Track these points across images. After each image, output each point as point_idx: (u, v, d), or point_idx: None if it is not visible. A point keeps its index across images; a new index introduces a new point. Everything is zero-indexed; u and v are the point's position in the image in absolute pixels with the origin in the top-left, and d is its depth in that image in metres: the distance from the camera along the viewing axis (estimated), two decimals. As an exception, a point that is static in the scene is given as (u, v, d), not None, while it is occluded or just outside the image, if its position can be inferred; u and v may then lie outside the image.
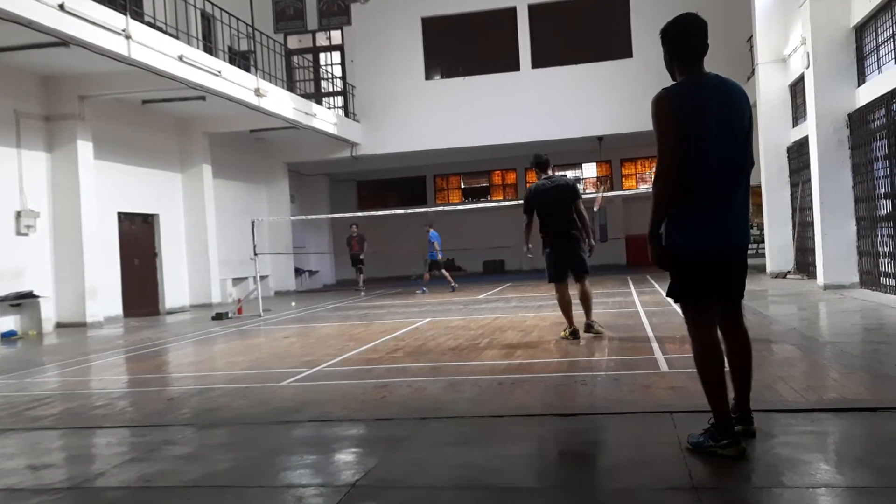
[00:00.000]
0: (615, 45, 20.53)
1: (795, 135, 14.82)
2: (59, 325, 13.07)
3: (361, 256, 19.97)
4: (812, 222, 12.96)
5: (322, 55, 22.61)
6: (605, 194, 24.25)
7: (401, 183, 28.02)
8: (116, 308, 14.60)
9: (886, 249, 10.25)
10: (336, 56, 22.37)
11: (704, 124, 3.48)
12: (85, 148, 13.53)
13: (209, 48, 16.34)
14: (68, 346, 10.43)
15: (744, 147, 3.59)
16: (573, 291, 7.91)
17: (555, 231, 7.80)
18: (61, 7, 10.29)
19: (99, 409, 5.70)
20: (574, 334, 7.72)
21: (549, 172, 8.09)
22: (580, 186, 27.20)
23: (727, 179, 3.52)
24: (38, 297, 12.54)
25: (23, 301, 12.37)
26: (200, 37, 16.53)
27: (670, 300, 3.92)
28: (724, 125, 3.51)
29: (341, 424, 4.72)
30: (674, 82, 3.66)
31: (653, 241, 3.55)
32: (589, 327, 7.83)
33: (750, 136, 3.65)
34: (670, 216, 3.55)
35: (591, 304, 7.95)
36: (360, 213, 21.24)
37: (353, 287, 19.90)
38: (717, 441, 3.48)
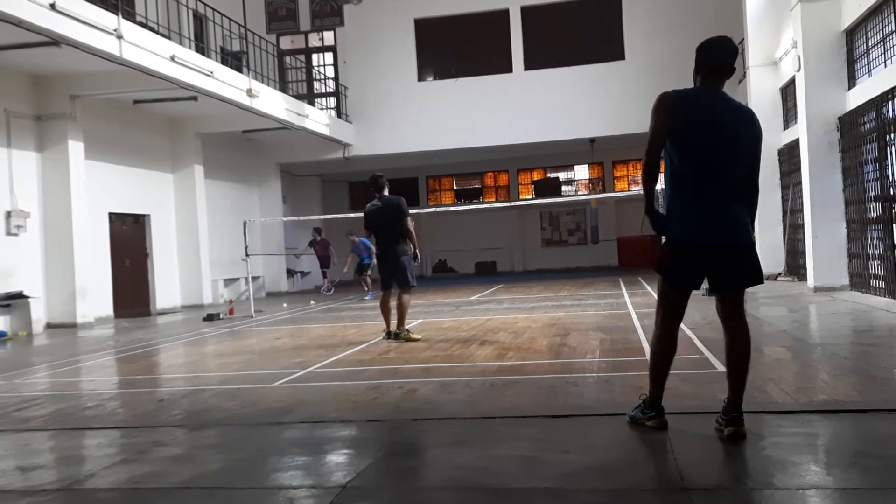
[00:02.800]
0: (607, 47, 20.58)
1: (786, 137, 14.88)
2: (49, 326, 13.00)
3: None
4: (802, 225, 13.01)
5: (315, 56, 22.58)
6: (597, 196, 24.39)
7: (393, 184, 27.38)
8: (107, 309, 14.54)
9: (876, 252, 10.31)
10: (329, 57, 22.34)
11: (706, 128, 3.75)
12: (76, 148, 13.46)
13: (201, 48, 16.31)
14: (58, 347, 10.38)
15: (745, 160, 3.82)
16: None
17: (381, 246, 8.73)
18: (52, 6, 10.24)
19: (89, 410, 5.67)
20: (389, 335, 8.59)
21: (384, 192, 8.83)
22: (572, 188, 27.33)
23: (721, 184, 3.76)
24: (28, 297, 12.47)
25: (13, 301, 12.30)
26: (192, 37, 16.46)
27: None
28: (726, 134, 3.75)
29: (333, 425, 4.71)
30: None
31: (649, 213, 3.88)
32: (396, 335, 8.52)
33: (755, 156, 3.89)
34: (670, 206, 3.83)
35: (404, 315, 8.61)
36: (352, 214, 21.19)
37: (326, 292, 19.75)
38: (645, 414, 4.06)
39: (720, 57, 3.86)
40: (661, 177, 3.94)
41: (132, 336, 11.25)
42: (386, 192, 8.83)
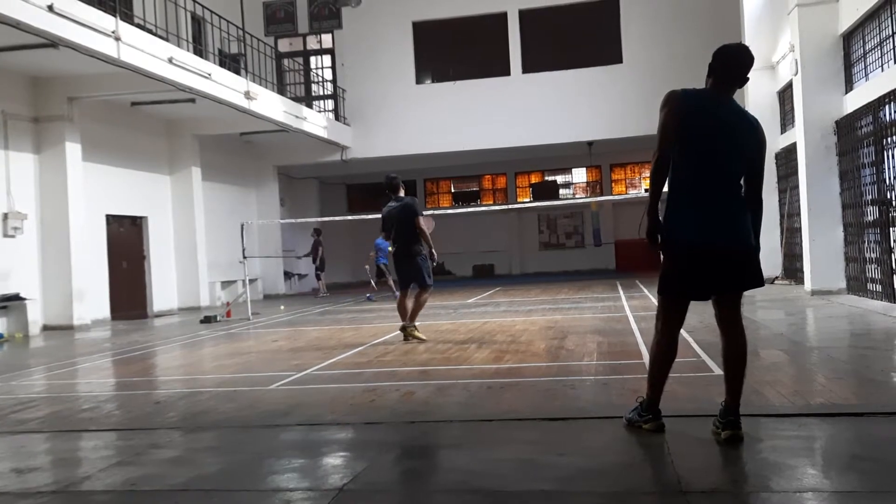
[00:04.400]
0: (605, 50, 20.59)
1: (783, 141, 14.91)
2: (45, 328, 12.97)
3: None
4: (800, 228, 13.03)
5: (313, 58, 22.57)
6: (597, 199, 24.40)
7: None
8: (104, 311, 14.52)
9: (873, 255, 10.32)
10: (327, 59, 22.34)
11: (709, 130, 3.79)
12: (73, 150, 13.45)
13: (199, 50, 16.30)
14: (55, 349, 10.36)
15: (746, 167, 3.86)
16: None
17: (396, 246, 8.77)
18: (50, 8, 10.23)
19: (85, 412, 5.66)
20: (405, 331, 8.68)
21: (401, 193, 8.90)
22: (569, 191, 27.34)
23: (722, 187, 3.80)
24: (24, 299, 12.44)
25: (9, 303, 12.28)
26: (190, 39, 16.47)
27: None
28: (728, 138, 3.78)
29: (330, 428, 4.70)
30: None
31: (649, 215, 3.86)
32: (403, 328, 8.64)
33: (758, 165, 3.91)
34: (671, 207, 3.85)
35: (416, 312, 8.74)
36: (349, 217, 21.20)
37: (322, 294, 19.77)
38: (642, 417, 4.07)
39: (735, 65, 3.87)
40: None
41: (129, 338, 11.23)
42: (402, 193, 8.89)
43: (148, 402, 5.92)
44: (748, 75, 3.91)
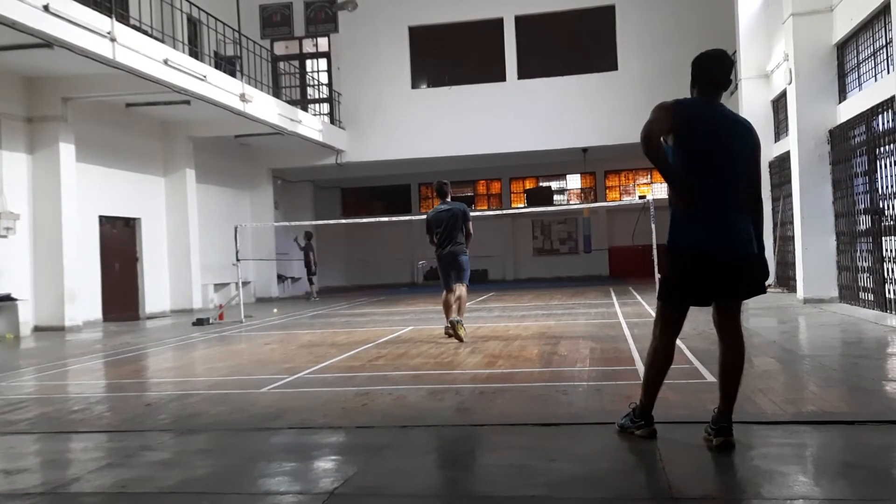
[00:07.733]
0: (601, 57, 20.68)
1: (777, 150, 14.96)
2: (37, 329, 12.91)
3: None
4: (792, 236, 13.07)
5: (308, 62, 22.59)
6: (591, 206, 24.45)
7: (385, 191, 28.02)
8: (96, 312, 14.47)
9: (865, 264, 10.36)
10: (322, 63, 22.36)
11: (705, 135, 3.79)
12: (67, 150, 13.41)
13: (195, 52, 16.30)
14: (46, 350, 10.31)
15: (743, 170, 3.86)
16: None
17: (443, 247, 9.21)
18: (46, 8, 10.21)
19: (76, 413, 5.63)
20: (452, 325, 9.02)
21: (448, 198, 9.47)
22: (564, 197, 27.39)
23: (724, 192, 3.79)
24: (16, 299, 12.39)
25: (0, 304, 12.22)
26: (186, 41, 16.46)
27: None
28: (724, 143, 3.80)
29: (321, 432, 4.69)
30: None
31: (665, 175, 3.80)
32: (452, 324, 8.94)
33: (754, 166, 3.93)
34: (675, 214, 3.85)
35: (463, 305, 9.31)
36: (344, 220, 21.19)
37: (314, 297, 19.83)
38: (635, 423, 4.09)
39: (715, 70, 3.89)
40: (664, 186, 3.95)
41: (120, 340, 11.19)
42: (450, 198, 9.44)
43: (139, 404, 5.89)
44: (731, 78, 3.93)
